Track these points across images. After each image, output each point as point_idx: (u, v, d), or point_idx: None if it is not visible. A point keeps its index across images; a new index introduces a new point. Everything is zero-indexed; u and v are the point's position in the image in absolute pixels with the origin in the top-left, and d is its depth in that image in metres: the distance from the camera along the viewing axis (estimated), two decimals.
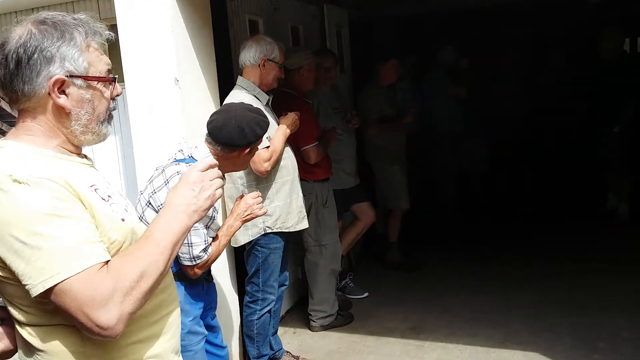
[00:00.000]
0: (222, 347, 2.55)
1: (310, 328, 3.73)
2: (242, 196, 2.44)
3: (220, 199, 2.19)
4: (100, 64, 1.29)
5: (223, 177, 1.38)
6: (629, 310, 3.59)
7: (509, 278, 4.28)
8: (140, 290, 1.16)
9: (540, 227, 5.36)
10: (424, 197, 5.42)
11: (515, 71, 6.04)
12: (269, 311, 3.04)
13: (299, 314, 3.93)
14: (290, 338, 3.66)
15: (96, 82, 1.27)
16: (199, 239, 2.18)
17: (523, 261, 4.59)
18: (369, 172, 4.65)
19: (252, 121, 2.30)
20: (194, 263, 2.19)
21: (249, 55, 2.95)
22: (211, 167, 1.32)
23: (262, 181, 2.95)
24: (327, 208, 3.64)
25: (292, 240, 3.31)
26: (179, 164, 2.23)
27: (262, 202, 2.56)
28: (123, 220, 1.28)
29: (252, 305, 3.02)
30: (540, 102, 6.04)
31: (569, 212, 5.64)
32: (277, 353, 3.24)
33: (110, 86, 1.32)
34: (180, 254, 2.17)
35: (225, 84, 3.09)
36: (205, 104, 2.97)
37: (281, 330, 3.53)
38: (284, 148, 2.98)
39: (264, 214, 2.49)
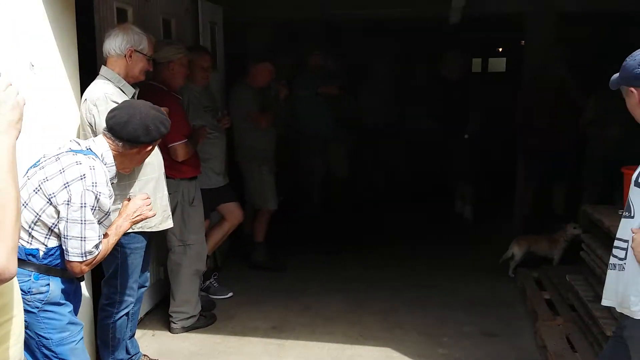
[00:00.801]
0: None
1: (170, 330, 3.63)
2: (129, 198, 2.38)
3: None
4: None
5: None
6: (469, 308, 3.97)
7: (365, 279, 4.52)
8: (8, 222, 1.13)
9: (393, 231, 5.73)
10: (291, 198, 5.54)
11: (381, 82, 6.44)
12: (127, 314, 2.91)
13: (159, 315, 3.81)
14: (149, 341, 3.53)
15: None
16: (93, 233, 2.06)
17: (378, 263, 4.88)
18: (238, 172, 4.65)
19: (157, 119, 2.33)
20: (84, 259, 2.08)
21: (114, 45, 2.80)
22: None
23: (124, 178, 2.80)
24: (194, 207, 3.57)
25: (155, 240, 3.21)
26: (76, 154, 2.15)
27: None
28: None
29: (108, 308, 2.87)
30: (402, 112, 6.51)
31: (421, 217, 6.09)
32: (133, 357, 3.11)
33: None
34: (70, 249, 2.05)
35: (87, 73, 2.90)
36: (64, 93, 2.77)
37: (139, 333, 3.40)
38: None
39: (154, 215, 2.43)
